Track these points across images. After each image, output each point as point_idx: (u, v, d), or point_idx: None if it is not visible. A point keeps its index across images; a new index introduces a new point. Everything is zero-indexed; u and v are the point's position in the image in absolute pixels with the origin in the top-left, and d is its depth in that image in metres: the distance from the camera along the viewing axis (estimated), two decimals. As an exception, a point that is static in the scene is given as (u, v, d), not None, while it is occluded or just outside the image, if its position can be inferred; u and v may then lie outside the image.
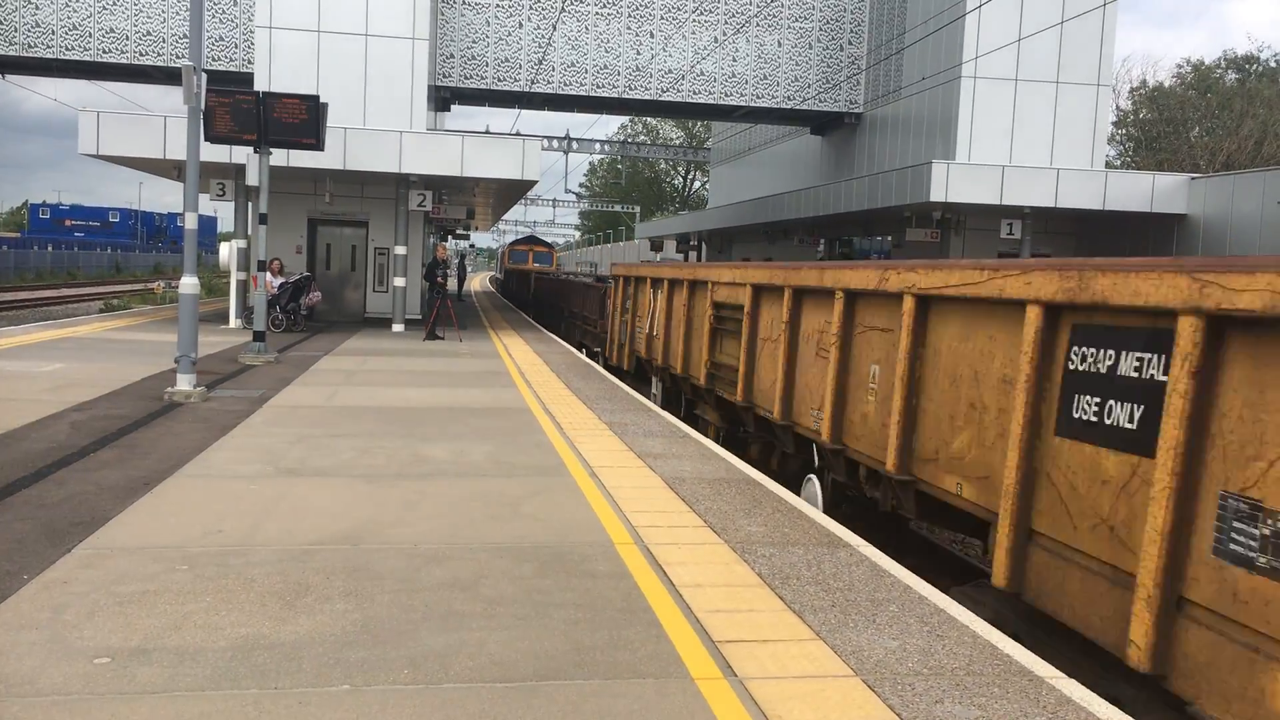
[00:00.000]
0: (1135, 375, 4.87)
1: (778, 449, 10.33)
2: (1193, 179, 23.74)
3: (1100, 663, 5.03)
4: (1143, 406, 4.79)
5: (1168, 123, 49.93)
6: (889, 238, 28.78)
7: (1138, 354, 4.86)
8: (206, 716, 3.73)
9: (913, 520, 7.40)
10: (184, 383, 11.35)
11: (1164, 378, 4.63)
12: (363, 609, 4.90)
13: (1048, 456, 5.43)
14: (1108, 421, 5.01)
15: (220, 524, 6.30)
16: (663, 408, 14.00)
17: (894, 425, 7.04)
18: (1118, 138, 50.89)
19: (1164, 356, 4.66)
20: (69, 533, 5.96)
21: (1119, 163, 49.91)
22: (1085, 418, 5.17)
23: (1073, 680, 4.41)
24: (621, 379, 16.48)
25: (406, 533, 6.28)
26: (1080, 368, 5.25)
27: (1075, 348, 5.30)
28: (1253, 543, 4.12)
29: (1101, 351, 5.10)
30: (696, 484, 8.03)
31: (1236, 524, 4.21)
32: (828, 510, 8.53)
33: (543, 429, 10.33)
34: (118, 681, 3.99)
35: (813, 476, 9.06)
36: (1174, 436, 4.45)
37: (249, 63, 25.44)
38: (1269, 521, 4.06)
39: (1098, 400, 5.10)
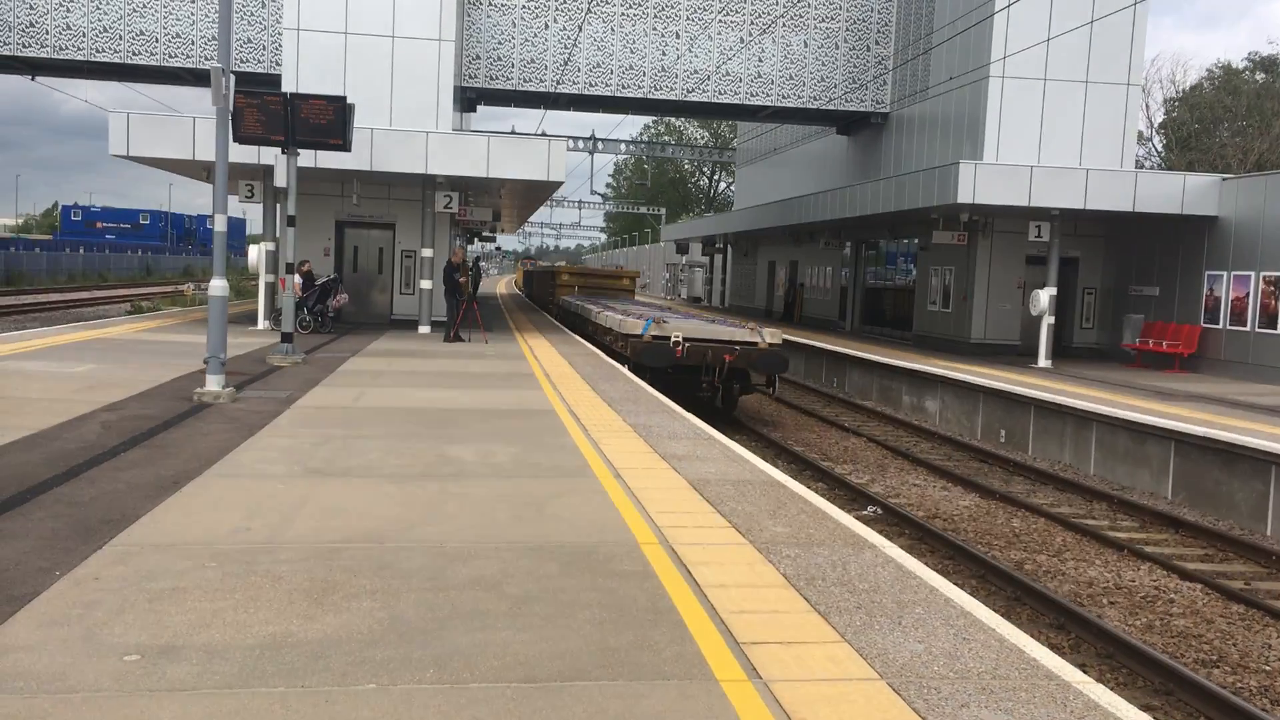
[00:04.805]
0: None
1: None
2: (1224, 179, 23.41)
3: None
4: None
5: (1198, 122, 49.36)
6: (915, 240, 28.60)
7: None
8: (234, 714, 3.76)
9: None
10: (213, 383, 11.45)
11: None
12: (389, 607, 4.92)
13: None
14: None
15: (248, 522, 6.35)
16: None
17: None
18: (1151, 142, 50.36)
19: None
20: (99, 530, 6.02)
21: (1148, 164, 49.37)
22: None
23: (1100, 685, 4.37)
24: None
25: (432, 532, 6.30)
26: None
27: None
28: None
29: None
30: (721, 485, 8.01)
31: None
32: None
33: (568, 431, 10.35)
34: (147, 679, 4.03)
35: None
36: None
37: (277, 64, 25.60)
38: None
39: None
